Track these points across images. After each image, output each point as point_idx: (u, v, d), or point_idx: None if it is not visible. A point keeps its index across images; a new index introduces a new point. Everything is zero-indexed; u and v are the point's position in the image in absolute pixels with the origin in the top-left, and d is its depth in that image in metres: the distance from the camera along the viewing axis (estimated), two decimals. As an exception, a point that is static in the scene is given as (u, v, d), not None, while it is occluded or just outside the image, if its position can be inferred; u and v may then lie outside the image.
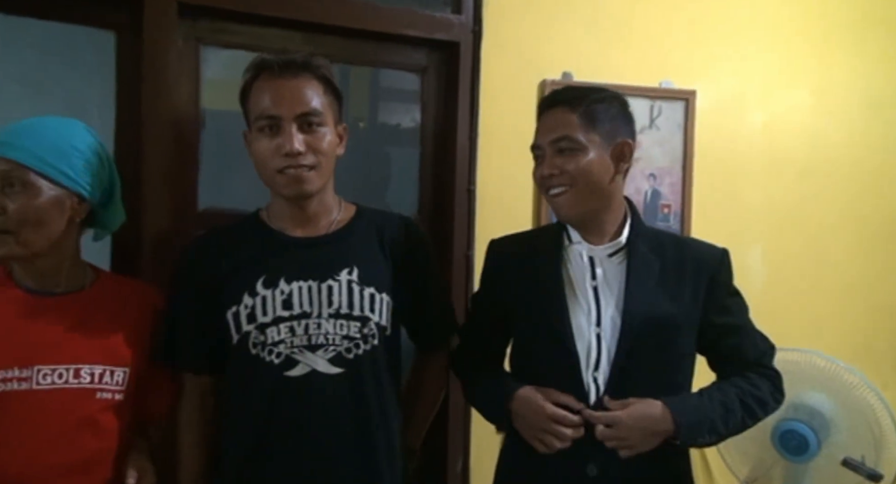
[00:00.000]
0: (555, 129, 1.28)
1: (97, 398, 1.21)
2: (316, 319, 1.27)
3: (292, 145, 1.24)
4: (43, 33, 1.61)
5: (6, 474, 1.13)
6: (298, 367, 1.26)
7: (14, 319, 1.18)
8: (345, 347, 1.28)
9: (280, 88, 1.26)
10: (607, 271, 1.32)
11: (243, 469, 1.28)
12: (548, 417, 1.25)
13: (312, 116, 1.26)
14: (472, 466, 1.89)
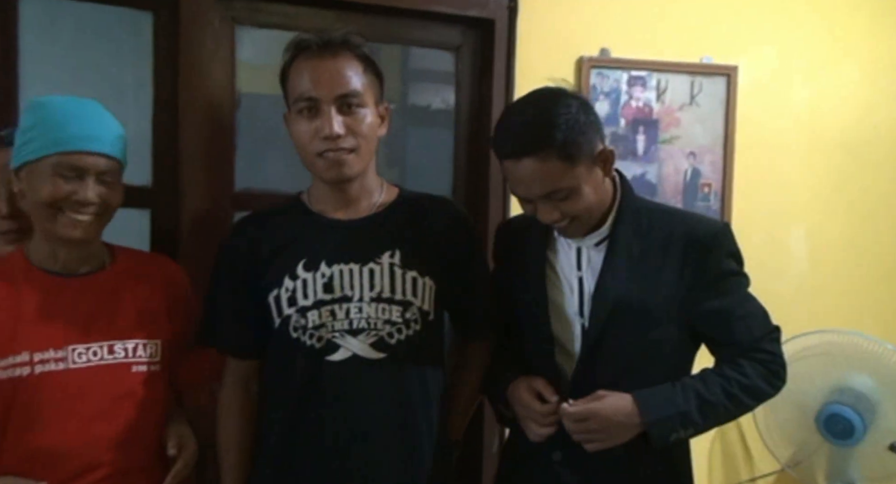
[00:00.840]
0: (537, 184, 1.18)
1: (133, 372, 1.23)
2: (357, 302, 1.25)
3: (332, 128, 1.21)
4: (81, 16, 1.63)
5: (58, 450, 1.16)
6: (340, 351, 1.25)
7: (43, 302, 1.20)
8: (386, 331, 1.26)
9: (319, 69, 1.23)
10: (593, 260, 1.29)
11: (282, 453, 1.28)
12: (521, 405, 1.28)
13: (352, 97, 1.24)
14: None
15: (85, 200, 1.17)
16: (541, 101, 1.21)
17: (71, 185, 1.17)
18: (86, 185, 1.18)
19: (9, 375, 1.14)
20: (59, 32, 1.62)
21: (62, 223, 1.18)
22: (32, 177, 1.18)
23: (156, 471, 1.25)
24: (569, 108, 1.17)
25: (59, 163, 1.16)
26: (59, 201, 1.17)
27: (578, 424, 1.22)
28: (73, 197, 1.17)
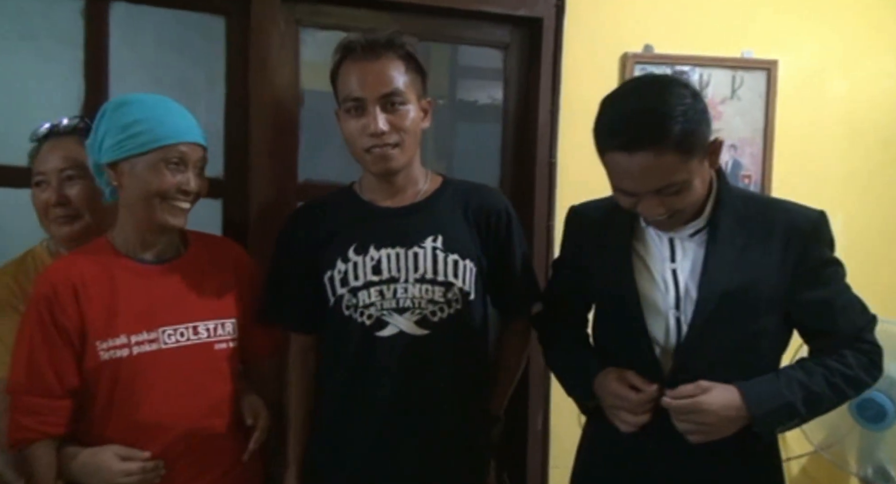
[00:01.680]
0: (651, 178, 1.12)
1: (215, 349, 1.35)
2: (403, 283, 1.35)
3: (377, 126, 1.31)
4: (158, 22, 1.76)
5: (156, 423, 1.28)
6: (388, 328, 1.35)
7: (134, 288, 1.30)
8: (430, 310, 1.36)
9: (363, 70, 1.33)
10: (687, 252, 1.25)
11: (337, 419, 1.40)
12: (612, 395, 1.25)
13: (395, 96, 1.33)
14: (552, 424, 1.98)
15: (189, 189, 1.28)
16: (652, 90, 1.14)
17: (177, 176, 1.28)
18: (188, 174, 1.29)
19: (111, 356, 1.26)
20: (140, 38, 1.75)
21: (166, 212, 1.28)
22: (137, 169, 1.27)
23: (237, 437, 1.37)
24: (683, 98, 1.11)
25: (166, 155, 1.27)
26: (169, 191, 1.27)
27: (684, 416, 1.19)
28: (181, 186, 1.27)
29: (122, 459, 1.25)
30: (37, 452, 1.23)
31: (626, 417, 1.24)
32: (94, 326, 1.25)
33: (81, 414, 1.28)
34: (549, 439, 2.00)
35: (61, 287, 1.25)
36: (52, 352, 1.23)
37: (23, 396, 1.23)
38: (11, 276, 1.39)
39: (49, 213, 1.38)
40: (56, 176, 1.38)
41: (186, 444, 1.30)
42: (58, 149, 1.39)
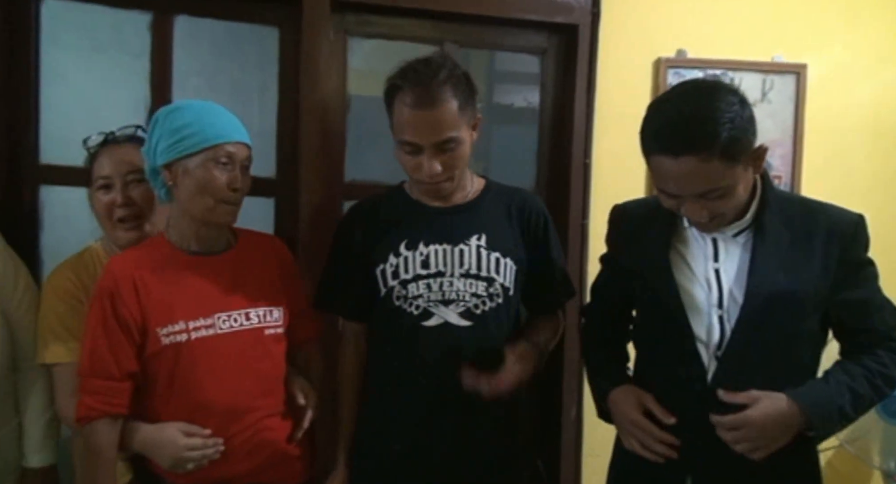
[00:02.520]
0: (695, 183, 1.13)
1: (266, 334, 1.43)
2: (449, 277, 1.45)
3: (431, 171, 1.39)
4: (215, 33, 1.88)
5: (214, 402, 1.37)
6: (434, 318, 1.45)
7: (189, 278, 1.39)
8: (473, 303, 1.45)
9: (420, 119, 1.36)
10: (731, 252, 1.27)
11: (384, 401, 1.50)
12: (632, 424, 1.27)
13: (449, 142, 1.38)
14: (585, 414, 2.04)
15: (237, 186, 1.37)
16: (701, 95, 1.14)
17: (226, 173, 1.36)
18: (236, 172, 1.37)
19: (171, 340, 1.35)
20: (199, 48, 1.87)
21: (218, 207, 1.36)
22: (190, 169, 1.35)
23: (287, 416, 1.46)
24: (731, 105, 1.12)
25: (215, 154, 1.35)
26: (219, 188, 1.35)
27: (735, 434, 1.19)
28: (230, 184, 1.36)
29: (185, 435, 1.33)
30: (99, 429, 1.32)
31: (635, 445, 1.28)
32: (153, 314, 1.35)
33: (145, 395, 1.37)
34: (583, 428, 2.06)
35: (122, 281, 1.34)
36: (112, 340, 1.33)
37: (88, 378, 1.33)
38: (72, 270, 1.49)
39: (113, 214, 1.48)
40: (120, 179, 1.48)
41: (240, 422, 1.38)
42: (119, 154, 1.50)
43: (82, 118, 1.74)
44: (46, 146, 1.79)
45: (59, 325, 1.44)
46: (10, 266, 1.50)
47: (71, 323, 1.44)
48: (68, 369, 1.43)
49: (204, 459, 1.34)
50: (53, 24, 1.78)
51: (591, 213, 2.02)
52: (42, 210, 1.79)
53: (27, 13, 1.74)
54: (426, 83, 1.36)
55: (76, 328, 1.43)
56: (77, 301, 1.46)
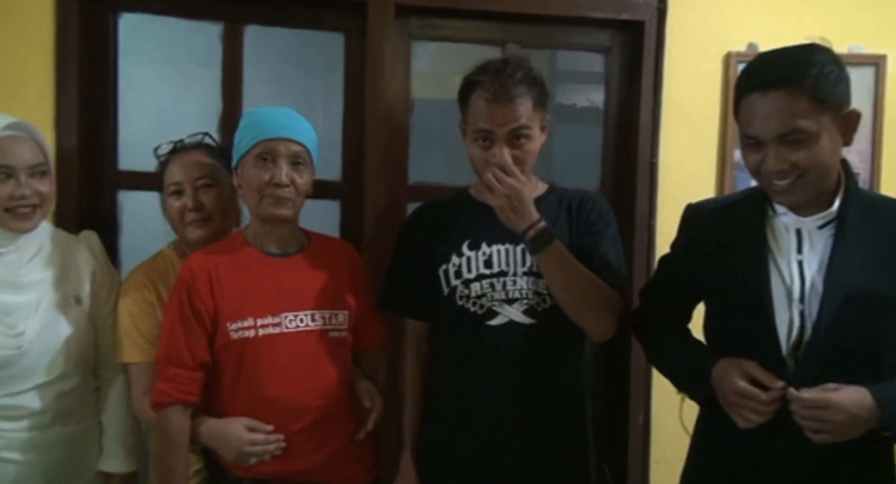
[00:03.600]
0: (780, 119, 1.14)
1: (330, 336, 1.46)
2: (512, 276, 1.45)
3: (502, 160, 1.39)
4: (282, 40, 1.93)
5: (277, 399, 1.40)
6: (498, 317, 1.45)
7: (261, 276, 1.43)
8: (536, 301, 1.45)
9: (496, 111, 1.40)
10: (815, 244, 1.24)
11: (449, 401, 1.51)
12: (737, 393, 1.22)
13: (521, 130, 1.41)
14: (653, 419, 2.01)
15: (280, 181, 1.39)
16: (801, 46, 1.20)
17: (268, 170, 1.39)
18: (280, 168, 1.40)
19: (239, 336, 1.39)
20: (266, 56, 1.91)
21: (267, 203, 1.40)
22: (244, 168, 1.42)
23: (349, 417, 1.49)
24: (828, 57, 1.16)
25: (258, 151, 1.40)
26: (262, 184, 1.38)
27: (812, 412, 1.17)
28: (272, 179, 1.39)
29: (248, 430, 1.38)
30: (172, 415, 1.38)
31: (748, 414, 1.22)
32: (225, 308, 1.40)
33: (214, 387, 1.42)
34: (651, 434, 2.03)
35: (199, 275, 1.40)
36: (187, 330, 1.39)
37: (164, 365, 1.39)
38: (146, 274, 1.56)
39: (185, 218, 1.53)
40: (191, 184, 1.53)
41: (302, 420, 1.41)
42: (188, 161, 1.56)
43: (156, 126, 1.82)
44: (124, 153, 1.87)
45: (133, 326, 1.50)
46: (106, 273, 1.58)
47: (144, 325, 1.51)
48: (141, 369, 1.50)
49: (266, 454, 1.38)
50: (129, 36, 1.86)
51: (657, 214, 1.98)
52: (120, 214, 1.87)
53: (106, 27, 1.82)
54: (504, 80, 1.39)
55: (149, 330, 1.50)
56: (149, 304, 1.52)
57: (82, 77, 1.74)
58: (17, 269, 1.43)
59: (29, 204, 1.40)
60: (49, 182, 1.46)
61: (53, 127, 1.71)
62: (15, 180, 1.39)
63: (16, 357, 1.40)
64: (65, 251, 1.52)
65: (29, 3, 1.70)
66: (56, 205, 1.67)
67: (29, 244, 1.46)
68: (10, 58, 1.70)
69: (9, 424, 1.42)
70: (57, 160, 1.68)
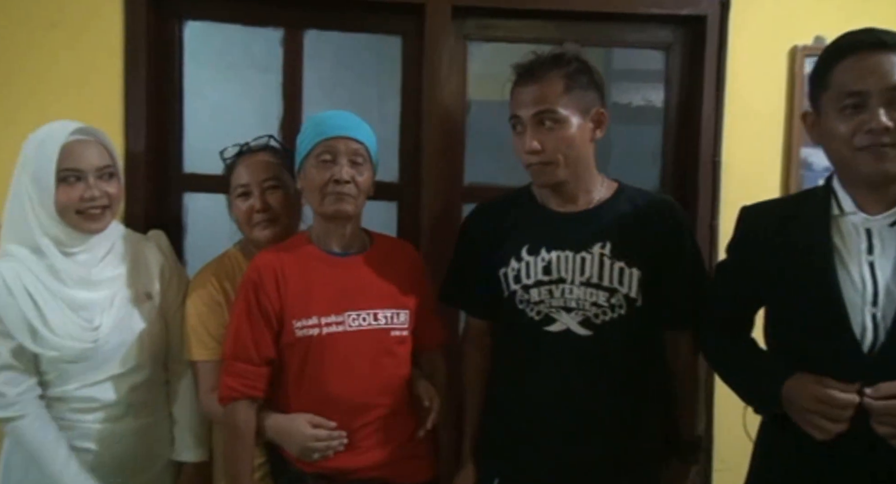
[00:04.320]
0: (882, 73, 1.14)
1: (391, 335, 1.47)
2: (570, 285, 1.42)
3: (527, 145, 1.39)
4: (338, 45, 1.95)
5: (340, 396, 1.43)
6: (556, 324, 1.43)
7: (325, 275, 1.46)
8: (593, 312, 1.41)
9: (523, 92, 1.41)
10: (887, 244, 1.19)
11: (506, 403, 1.50)
12: (815, 398, 1.17)
13: (547, 114, 1.39)
14: (716, 424, 1.95)
15: (341, 178, 1.40)
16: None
17: (328, 169, 1.41)
18: (341, 165, 1.41)
19: (304, 333, 1.42)
20: (321, 61, 1.94)
21: (329, 201, 1.42)
22: (306, 169, 1.44)
23: (410, 416, 1.50)
24: None
25: (318, 151, 1.42)
26: (324, 183, 1.41)
27: (888, 417, 1.13)
28: (333, 176, 1.41)
29: (312, 426, 1.40)
30: (239, 409, 1.42)
31: (824, 423, 1.17)
32: (291, 306, 1.42)
33: (279, 384, 1.45)
34: (713, 442, 1.97)
35: (265, 273, 1.43)
36: (254, 327, 1.42)
37: (231, 361, 1.43)
38: (213, 274, 1.59)
39: (252, 219, 1.57)
40: (258, 186, 1.57)
41: (364, 417, 1.44)
42: (255, 163, 1.59)
43: (219, 130, 1.86)
44: (189, 156, 1.93)
45: (201, 325, 1.55)
46: (174, 270, 1.64)
47: (211, 324, 1.55)
48: (209, 367, 1.54)
49: (329, 450, 1.41)
50: (193, 43, 1.92)
51: (721, 214, 1.92)
52: (185, 215, 1.93)
53: (172, 35, 1.88)
54: (535, 62, 1.40)
55: (216, 329, 1.54)
56: (216, 304, 1.56)
57: (150, 83, 1.80)
58: (91, 267, 1.49)
59: (98, 205, 1.46)
60: (117, 183, 1.51)
61: (122, 131, 1.78)
62: (84, 183, 1.45)
63: (92, 350, 1.46)
64: (135, 249, 1.58)
65: (100, 13, 1.77)
66: (125, 206, 1.75)
67: (101, 244, 1.51)
68: (82, 65, 1.77)
69: (84, 416, 1.48)
70: (126, 163, 1.76)
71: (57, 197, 1.42)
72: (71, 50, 1.76)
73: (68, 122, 1.46)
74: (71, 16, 1.76)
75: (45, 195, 1.42)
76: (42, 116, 1.52)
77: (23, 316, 1.40)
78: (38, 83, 1.76)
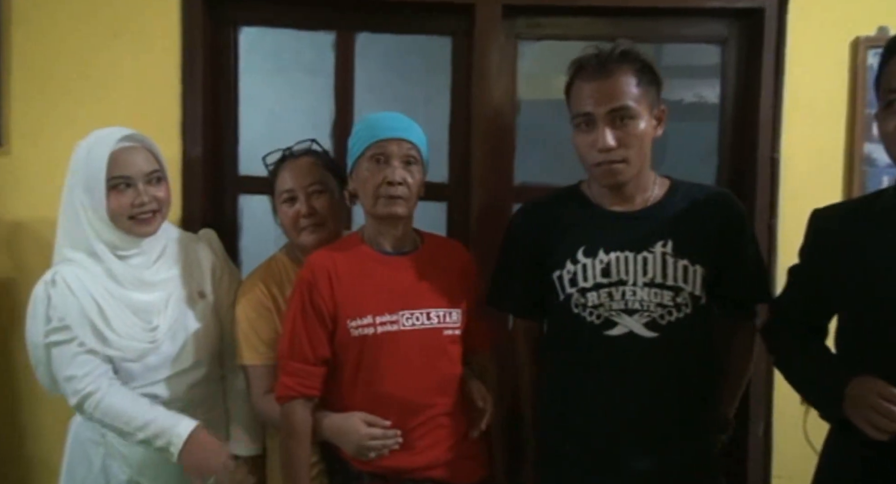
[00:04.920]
0: None
1: (444, 335, 1.47)
2: (632, 286, 1.38)
3: (604, 142, 1.35)
4: (385, 48, 1.97)
5: (395, 395, 1.43)
6: (617, 327, 1.39)
7: (378, 274, 1.46)
8: (658, 313, 1.37)
9: (594, 88, 1.36)
10: None
11: (567, 409, 1.45)
12: (875, 392, 1.13)
13: (622, 111, 1.35)
14: (775, 429, 1.89)
15: (394, 180, 1.40)
16: None
17: (382, 170, 1.41)
18: (393, 167, 1.41)
19: (359, 333, 1.42)
20: (369, 64, 1.96)
21: (383, 202, 1.42)
22: (358, 171, 1.44)
23: (463, 416, 1.50)
24: None
25: (371, 152, 1.42)
26: (378, 184, 1.40)
27: None
28: (386, 178, 1.40)
29: (367, 425, 1.41)
30: (295, 408, 1.43)
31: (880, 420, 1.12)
32: (345, 306, 1.43)
33: (334, 383, 1.46)
34: (772, 448, 1.90)
35: (319, 273, 1.44)
36: (308, 327, 1.43)
37: (287, 360, 1.44)
38: (261, 279, 1.61)
39: (298, 224, 1.58)
40: (303, 191, 1.58)
41: (419, 416, 1.44)
42: (299, 167, 1.60)
43: (272, 133, 1.90)
44: (244, 159, 1.97)
45: (251, 331, 1.57)
46: (225, 268, 1.67)
47: (262, 329, 1.56)
48: (260, 372, 1.56)
49: (384, 449, 1.41)
50: (248, 49, 1.96)
51: (779, 213, 1.86)
52: (240, 217, 1.97)
53: (228, 41, 1.93)
54: (603, 57, 1.36)
55: (266, 334, 1.56)
56: (265, 308, 1.58)
57: (206, 88, 1.85)
58: (145, 269, 1.53)
59: (149, 210, 1.49)
60: (165, 187, 1.55)
61: (180, 135, 1.83)
62: (134, 189, 1.48)
63: (151, 350, 1.50)
64: (186, 249, 1.61)
65: (159, 22, 1.83)
66: (182, 208, 1.81)
67: (153, 246, 1.55)
68: (141, 72, 1.83)
69: None
70: (183, 166, 1.82)
71: (108, 204, 1.46)
72: (132, 58, 1.82)
73: (115, 130, 1.50)
74: (132, 25, 1.82)
75: (97, 203, 1.46)
76: (104, 122, 1.57)
77: (86, 317, 1.45)
78: (102, 90, 1.82)
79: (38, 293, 1.47)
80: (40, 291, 1.47)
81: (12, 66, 1.81)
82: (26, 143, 1.82)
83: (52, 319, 1.45)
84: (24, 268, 1.81)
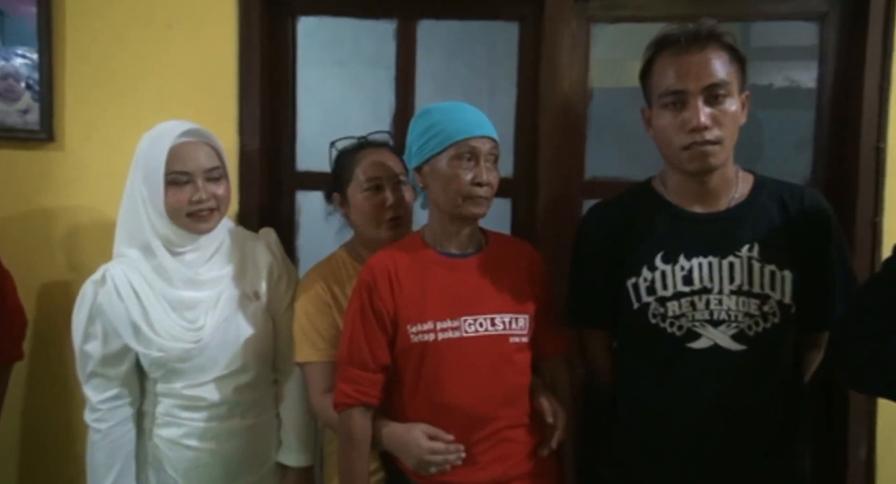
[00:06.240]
0: None
1: (510, 342, 1.38)
2: (717, 295, 1.27)
3: (699, 120, 1.23)
4: (447, 35, 1.87)
5: (457, 405, 1.35)
6: (701, 340, 1.28)
7: (441, 278, 1.38)
8: (746, 324, 1.27)
9: (686, 63, 1.25)
10: None
11: (645, 427, 1.34)
12: None
13: (719, 88, 1.24)
14: (878, 452, 1.70)
15: (482, 181, 1.32)
16: None
17: (471, 169, 1.33)
18: (481, 167, 1.33)
19: (419, 339, 1.35)
20: (431, 51, 1.86)
21: (468, 203, 1.33)
22: (437, 168, 1.35)
23: (531, 429, 1.40)
24: None
25: (459, 150, 1.33)
26: (465, 183, 1.32)
27: None
28: (476, 178, 1.32)
29: (429, 438, 1.33)
30: (354, 416, 1.36)
31: None
32: (405, 311, 1.36)
33: (394, 390, 1.39)
34: (875, 472, 1.72)
35: (380, 276, 1.37)
36: (368, 332, 1.36)
37: (346, 366, 1.37)
38: (321, 275, 1.55)
39: (382, 214, 1.51)
40: (391, 181, 1.52)
41: (483, 429, 1.35)
42: (382, 157, 1.53)
43: (330, 127, 1.80)
44: (302, 154, 1.91)
45: (310, 326, 1.51)
46: (283, 269, 1.61)
47: (321, 324, 1.50)
48: (318, 368, 1.49)
49: (446, 464, 1.32)
50: (305, 40, 1.89)
51: (885, 209, 1.67)
52: (298, 213, 1.91)
53: (285, 32, 1.86)
54: (694, 30, 1.26)
55: (325, 330, 1.50)
56: (325, 305, 1.52)
57: (263, 81, 1.79)
58: (198, 267, 1.49)
59: (207, 207, 1.46)
60: (225, 185, 1.50)
61: (237, 129, 1.78)
62: (193, 185, 1.44)
63: (196, 350, 1.46)
64: (243, 248, 1.57)
65: (213, 11, 1.78)
66: (239, 204, 1.76)
67: (209, 244, 1.51)
68: (197, 64, 1.79)
69: (190, 414, 1.49)
70: (240, 162, 1.76)
71: (166, 199, 1.43)
72: (187, 50, 1.78)
73: (178, 123, 1.46)
74: (187, 18, 1.78)
75: (156, 196, 1.43)
76: (160, 117, 1.53)
77: (128, 318, 1.43)
78: (157, 84, 1.79)
79: (86, 290, 1.46)
80: (88, 289, 1.46)
81: (65, 61, 1.79)
82: (81, 138, 1.80)
83: (95, 320, 1.45)
84: (80, 268, 1.78)
